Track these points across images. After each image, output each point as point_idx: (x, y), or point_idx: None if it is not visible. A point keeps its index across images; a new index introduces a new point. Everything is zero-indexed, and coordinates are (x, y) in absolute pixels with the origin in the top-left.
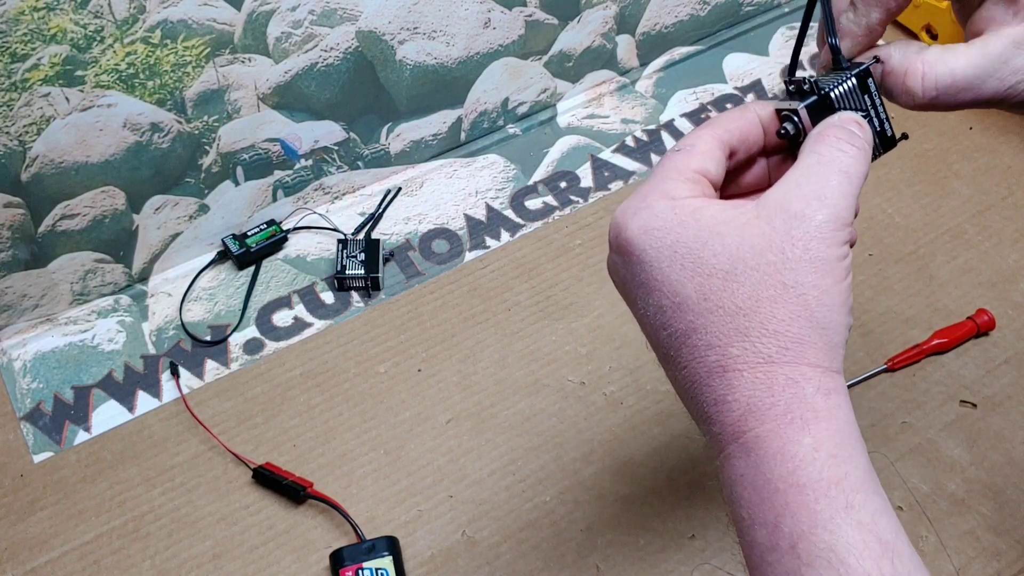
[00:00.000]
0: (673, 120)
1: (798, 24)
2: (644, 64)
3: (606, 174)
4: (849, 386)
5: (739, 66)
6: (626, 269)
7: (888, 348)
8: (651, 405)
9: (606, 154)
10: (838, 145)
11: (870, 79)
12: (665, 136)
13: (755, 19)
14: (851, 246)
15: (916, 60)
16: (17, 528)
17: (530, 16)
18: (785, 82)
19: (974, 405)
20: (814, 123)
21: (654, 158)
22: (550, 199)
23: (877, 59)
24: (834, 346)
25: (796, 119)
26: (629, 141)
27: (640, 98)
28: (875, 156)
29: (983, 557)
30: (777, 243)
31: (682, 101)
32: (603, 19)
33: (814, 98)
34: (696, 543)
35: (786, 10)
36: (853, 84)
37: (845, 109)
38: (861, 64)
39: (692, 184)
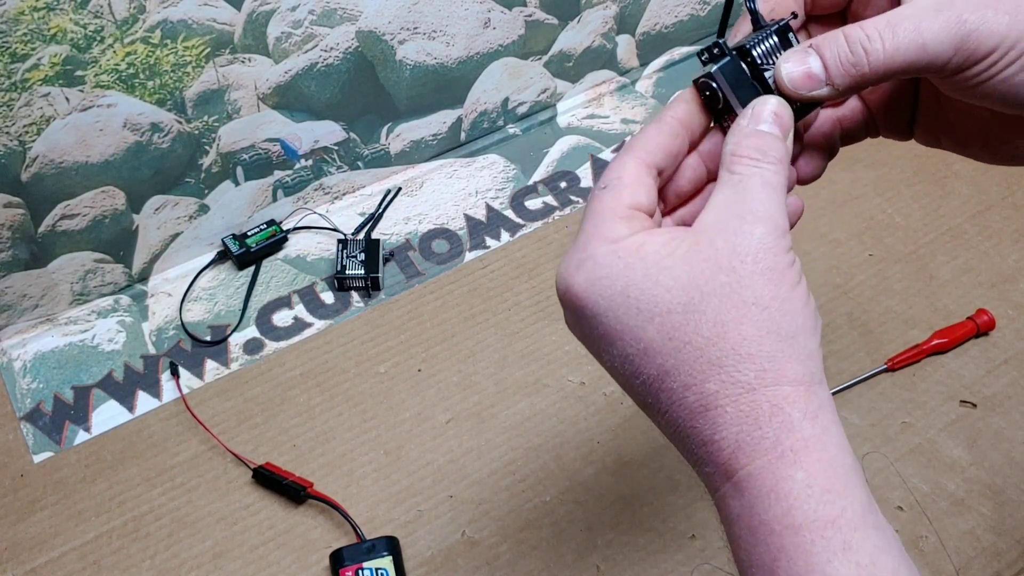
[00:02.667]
0: None
1: None
2: (644, 64)
3: None
4: (849, 386)
5: None
6: (582, 325)
7: (888, 348)
8: None
9: (606, 154)
10: (752, 164)
11: (791, 33)
12: None
13: None
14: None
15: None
16: (17, 528)
17: (530, 16)
18: (697, 54)
19: (974, 405)
20: (734, 86)
21: None
22: (550, 199)
23: (795, 14)
24: (809, 354)
25: (715, 85)
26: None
27: (640, 98)
28: (804, 114)
29: (983, 557)
30: (726, 263)
31: None
32: (603, 19)
33: (727, 59)
34: (696, 543)
35: None
36: (775, 41)
37: (767, 67)
38: (780, 21)
39: (628, 221)
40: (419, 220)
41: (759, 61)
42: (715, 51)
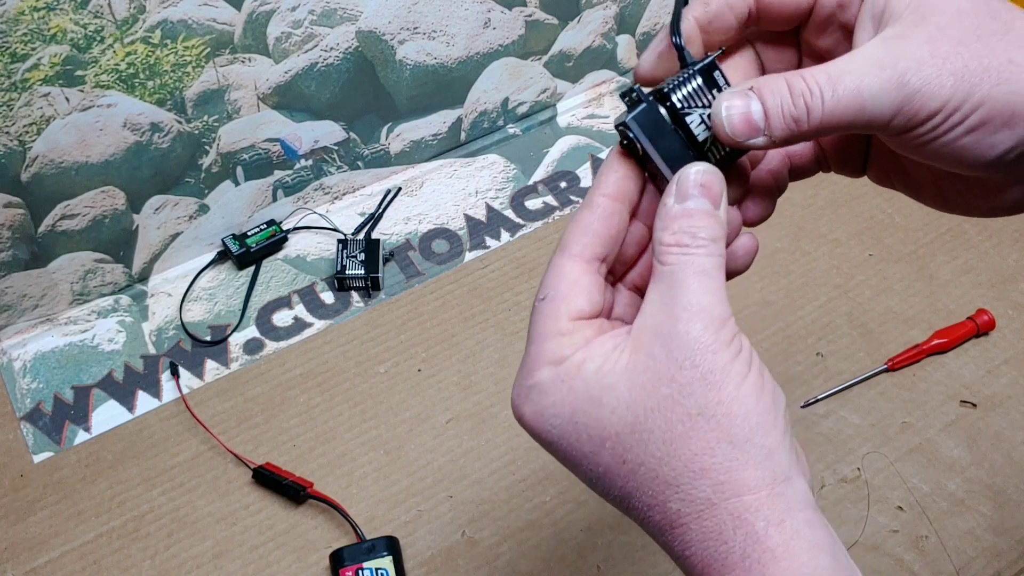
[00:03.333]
0: None
1: None
2: None
3: None
4: (849, 386)
5: None
6: (544, 448)
7: (888, 348)
8: None
9: (606, 154)
10: (681, 252)
11: (717, 71)
12: None
13: None
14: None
15: (812, 68)
16: (17, 528)
17: (530, 16)
18: (621, 95)
19: (974, 405)
20: (653, 136)
21: None
22: (550, 199)
23: (723, 50)
24: (768, 453)
25: (631, 135)
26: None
27: None
28: (736, 158)
29: (983, 557)
30: (665, 373)
31: None
32: (603, 19)
33: (643, 106)
34: None
35: None
36: (699, 83)
37: (689, 112)
38: (706, 58)
39: (571, 336)
40: (419, 220)
41: (679, 106)
42: (633, 95)
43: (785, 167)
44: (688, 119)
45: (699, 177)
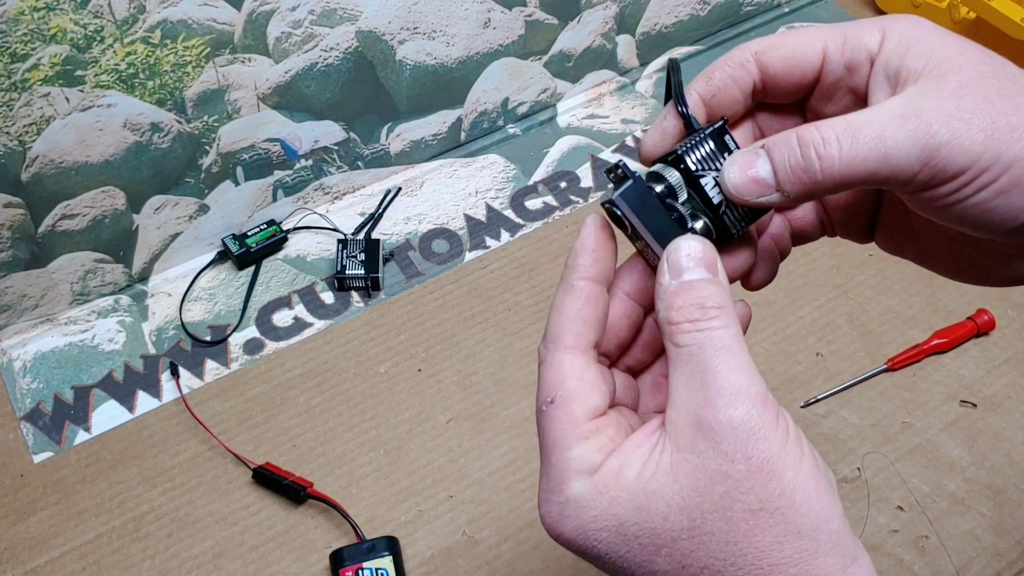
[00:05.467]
0: None
1: (799, 24)
2: (644, 64)
3: None
4: (849, 386)
5: None
6: (589, 561)
7: (888, 348)
8: None
9: (606, 154)
10: (695, 328)
11: (727, 135)
12: None
13: (755, 19)
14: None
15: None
16: (17, 528)
17: (530, 16)
18: (605, 171)
19: (974, 405)
20: (641, 211)
21: None
22: (550, 199)
23: (725, 119)
24: (838, 537)
25: (618, 212)
26: (629, 141)
27: (640, 98)
28: (754, 219)
29: (983, 557)
30: (716, 469)
31: None
32: (603, 19)
33: (629, 183)
34: None
35: (786, 10)
36: (711, 146)
37: (704, 173)
38: (715, 123)
39: (596, 439)
40: (419, 220)
41: (694, 168)
42: (618, 172)
43: (786, 231)
44: (702, 181)
45: (687, 249)
